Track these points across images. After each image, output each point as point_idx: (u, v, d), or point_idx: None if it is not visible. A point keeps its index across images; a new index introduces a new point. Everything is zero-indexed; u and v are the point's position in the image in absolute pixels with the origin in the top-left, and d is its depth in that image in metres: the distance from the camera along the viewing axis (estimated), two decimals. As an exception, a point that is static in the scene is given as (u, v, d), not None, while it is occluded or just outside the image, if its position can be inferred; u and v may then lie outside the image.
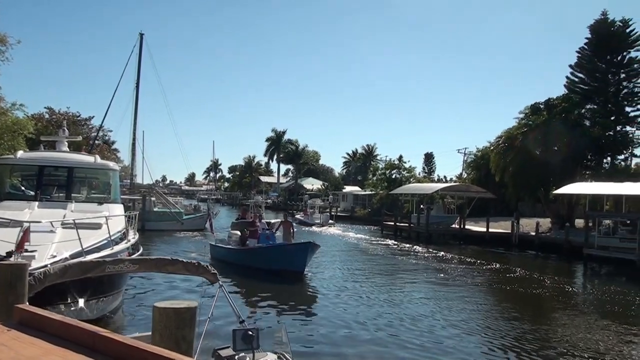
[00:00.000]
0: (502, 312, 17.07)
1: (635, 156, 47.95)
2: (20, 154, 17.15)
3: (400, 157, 71.41)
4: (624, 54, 45.13)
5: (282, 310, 15.79)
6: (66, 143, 18.77)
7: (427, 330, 13.68)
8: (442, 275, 24.28)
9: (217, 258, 24.51)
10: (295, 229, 25.77)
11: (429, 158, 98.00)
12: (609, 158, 45.49)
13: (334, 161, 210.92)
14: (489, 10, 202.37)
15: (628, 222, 31.01)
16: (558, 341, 13.31)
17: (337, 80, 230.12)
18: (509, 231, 38.01)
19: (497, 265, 27.52)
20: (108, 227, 12.56)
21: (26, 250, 10.23)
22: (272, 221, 27.91)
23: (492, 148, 48.28)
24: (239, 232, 24.67)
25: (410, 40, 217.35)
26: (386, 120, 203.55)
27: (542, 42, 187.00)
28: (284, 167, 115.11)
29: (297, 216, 59.76)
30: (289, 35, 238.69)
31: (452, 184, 61.08)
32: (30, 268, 5.29)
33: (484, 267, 27.02)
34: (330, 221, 57.02)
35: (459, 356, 11.67)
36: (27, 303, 3.99)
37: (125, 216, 15.96)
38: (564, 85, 47.46)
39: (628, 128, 45.88)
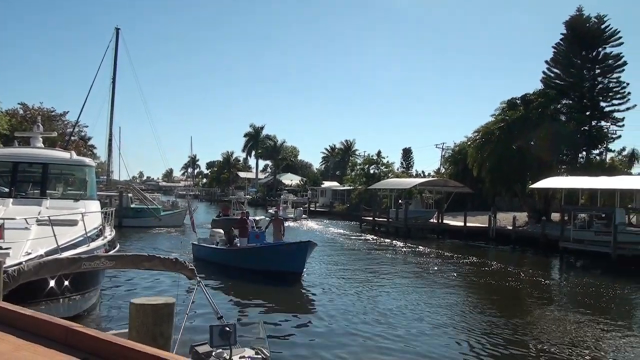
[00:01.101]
0: (478, 305, 17.23)
1: (610, 151, 49.04)
2: (-7, 150, 16.89)
3: (379, 152, 71.90)
4: (599, 49, 45.81)
5: (260, 306, 15.74)
6: (41, 139, 18.50)
7: (405, 325, 13.78)
8: (420, 269, 24.47)
9: (201, 258, 22.70)
10: (285, 227, 24.39)
11: (407, 153, 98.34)
12: (584, 153, 46.23)
13: (312, 156, 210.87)
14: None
15: (603, 215, 31.46)
16: (531, 333, 13.47)
17: (315, 76, 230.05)
18: (487, 225, 38.38)
19: (474, 259, 27.77)
20: (84, 223, 12.43)
21: (0, 248, 10.07)
22: (257, 218, 27.29)
23: (469, 143, 48.70)
24: (222, 231, 23.56)
25: (390, 37, 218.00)
26: (365, 115, 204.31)
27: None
28: (262, 163, 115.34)
29: (270, 211, 59.60)
30: (267, 32, 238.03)
31: (430, 179, 61.37)
32: (4, 265, 5.21)
33: (462, 261, 27.24)
34: (304, 216, 57.27)
35: (432, 350, 11.74)
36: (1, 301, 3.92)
37: (102, 213, 15.81)
38: (541, 81, 48.09)
39: (603, 123, 46.74)
